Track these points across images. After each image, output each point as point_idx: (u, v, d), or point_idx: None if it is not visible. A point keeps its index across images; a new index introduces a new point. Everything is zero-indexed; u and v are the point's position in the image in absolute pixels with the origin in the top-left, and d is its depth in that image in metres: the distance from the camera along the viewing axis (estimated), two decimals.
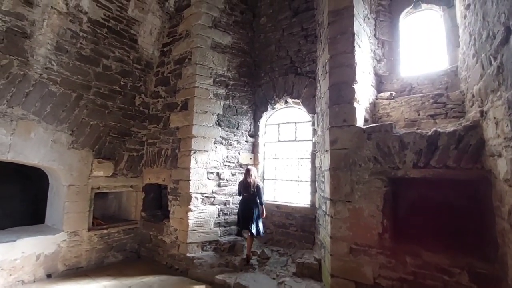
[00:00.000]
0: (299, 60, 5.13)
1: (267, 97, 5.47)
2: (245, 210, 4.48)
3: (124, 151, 5.32)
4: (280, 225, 4.97)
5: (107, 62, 5.10)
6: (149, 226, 5.36)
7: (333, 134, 3.28)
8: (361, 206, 3.01)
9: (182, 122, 5.04)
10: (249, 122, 5.56)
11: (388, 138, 2.93)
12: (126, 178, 5.34)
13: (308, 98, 4.90)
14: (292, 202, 5.04)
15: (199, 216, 4.77)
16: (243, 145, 5.44)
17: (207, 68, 5.11)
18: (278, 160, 5.42)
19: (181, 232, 4.75)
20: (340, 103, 3.29)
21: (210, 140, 5.02)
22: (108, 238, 5.02)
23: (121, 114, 5.29)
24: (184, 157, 4.88)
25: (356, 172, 3.07)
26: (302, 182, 5.03)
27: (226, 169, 5.18)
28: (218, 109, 5.17)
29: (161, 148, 5.36)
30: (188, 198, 4.72)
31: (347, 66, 3.32)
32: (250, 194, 4.50)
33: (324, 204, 3.56)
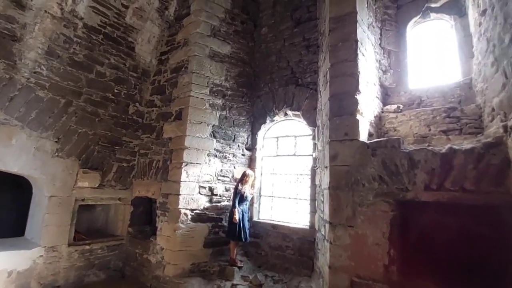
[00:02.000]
0: (300, 70, 4.89)
1: (266, 109, 5.20)
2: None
3: (113, 161, 5.04)
4: (276, 247, 4.55)
5: (101, 69, 4.93)
6: (135, 243, 4.99)
7: (333, 149, 2.95)
8: (364, 232, 2.62)
9: (175, 133, 4.78)
10: (247, 134, 5.27)
11: (396, 154, 2.59)
12: (114, 190, 5.03)
13: (308, 110, 4.61)
14: (289, 222, 4.64)
15: (187, 235, 4.39)
16: (239, 159, 5.13)
17: (203, 77, 4.89)
18: (276, 175, 5.08)
19: (167, 251, 4.37)
20: (342, 114, 2.98)
21: (203, 152, 4.72)
22: (90, 254, 4.66)
23: (112, 123, 5.06)
24: (175, 169, 4.57)
25: (359, 193, 2.71)
26: (301, 201, 4.65)
27: (219, 184, 4.85)
28: (213, 119, 4.91)
29: (152, 159, 5.07)
30: (176, 214, 4.37)
31: (349, 75, 3.04)
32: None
33: (323, 228, 3.18)
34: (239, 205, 4.42)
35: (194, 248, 4.43)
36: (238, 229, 4.34)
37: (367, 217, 2.63)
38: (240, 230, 4.35)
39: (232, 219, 4.35)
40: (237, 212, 4.34)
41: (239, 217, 4.36)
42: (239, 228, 4.35)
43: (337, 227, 2.78)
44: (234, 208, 4.37)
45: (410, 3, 4.03)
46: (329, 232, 2.82)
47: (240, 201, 4.46)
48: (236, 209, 4.35)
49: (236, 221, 4.31)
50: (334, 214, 2.82)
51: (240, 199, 4.44)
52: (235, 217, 4.31)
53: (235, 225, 4.33)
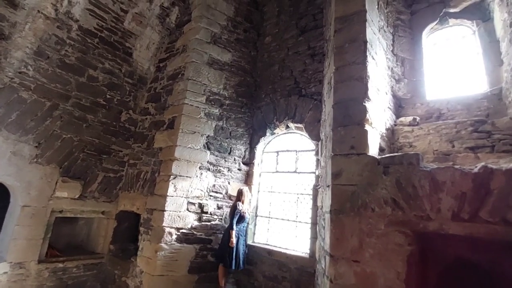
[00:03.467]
0: (304, 80, 4.52)
1: (266, 121, 4.80)
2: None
3: (99, 170, 4.67)
4: (271, 277, 3.96)
5: (94, 73, 4.69)
6: (115, 262, 4.49)
7: (337, 165, 2.48)
8: (373, 270, 2.08)
9: (166, 142, 4.40)
10: (244, 147, 4.85)
11: (414, 173, 2.09)
12: (97, 202, 4.62)
13: (312, 122, 4.18)
14: (287, 248, 4.07)
15: (171, 257, 3.88)
16: (234, 174, 4.67)
17: (200, 85, 4.57)
18: (275, 194, 4.57)
19: (146, 276, 3.84)
20: (347, 124, 2.53)
21: (195, 165, 4.30)
22: (63, 273, 4.18)
23: (102, 129, 4.75)
24: (162, 182, 4.15)
25: (368, 219, 2.20)
26: (301, 224, 4.10)
27: (211, 201, 4.37)
28: (208, 130, 4.52)
29: (141, 171, 4.68)
30: (160, 233, 3.89)
31: (356, 79, 2.62)
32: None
33: (324, 260, 2.64)
34: (236, 227, 3.92)
35: (177, 273, 3.89)
36: (232, 254, 3.81)
37: (378, 251, 2.10)
38: (232, 255, 3.82)
39: (228, 242, 3.84)
40: (234, 235, 3.83)
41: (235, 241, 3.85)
42: (233, 253, 3.82)
43: (339, 262, 2.24)
44: (232, 229, 3.87)
45: (426, 8, 3.66)
46: (330, 266, 2.29)
47: (238, 222, 3.96)
48: (234, 231, 3.85)
49: (233, 245, 3.80)
50: (336, 244, 2.30)
51: (238, 220, 3.95)
52: (232, 241, 3.80)
53: (230, 249, 3.81)
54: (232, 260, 3.79)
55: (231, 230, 3.87)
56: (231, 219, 3.95)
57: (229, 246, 3.82)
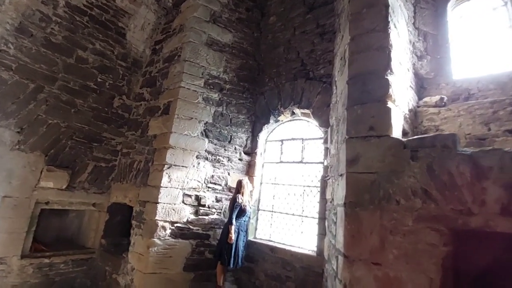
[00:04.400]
0: (312, 62, 4.11)
1: (270, 107, 4.41)
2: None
3: (89, 160, 4.34)
4: (273, 276, 3.62)
5: (83, 54, 4.33)
6: (106, 258, 4.18)
7: (353, 149, 2.10)
8: (399, 275, 1.71)
9: (160, 129, 4.04)
10: (246, 136, 4.47)
11: (450, 158, 1.70)
12: (87, 193, 4.30)
13: (320, 107, 3.79)
14: (292, 245, 3.72)
15: (164, 253, 3.55)
16: (235, 164, 4.31)
17: (198, 67, 4.19)
18: (279, 186, 4.20)
19: (138, 273, 3.53)
20: (365, 102, 2.14)
21: (192, 153, 3.94)
22: (49, 269, 3.88)
23: (92, 115, 4.40)
24: (156, 172, 3.80)
25: (391, 214, 1.82)
26: (308, 219, 3.74)
27: (209, 193, 4.02)
28: (206, 116, 4.15)
29: (134, 160, 4.34)
30: (152, 227, 3.56)
31: (376, 49, 2.22)
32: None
33: (335, 260, 2.27)
34: (236, 221, 3.58)
35: (171, 271, 3.57)
36: (230, 251, 3.47)
37: (404, 251, 1.73)
38: (231, 252, 3.48)
39: (226, 238, 3.49)
40: (233, 230, 3.49)
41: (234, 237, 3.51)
42: (231, 250, 3.48)
43: (355, 264, 1.87)
44: (230, 224, 3.53)
45: None
46: (344, 269, 1.92)
47: (238, 216, 3.61)
48: (233, 226, 3.51)
49: (232, 241, 3.46)
50: (351, 243, 1.93)
51: (239, 213, 3.60)
52: (231, 237, 3.46)
53: (229, 245, 3.47)
54: (230, 258, 3.45)
55: (230, 225, 3.53)
56: (230, 213, 3.60)
57: (227, 242, 3.48)
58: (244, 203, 3.66)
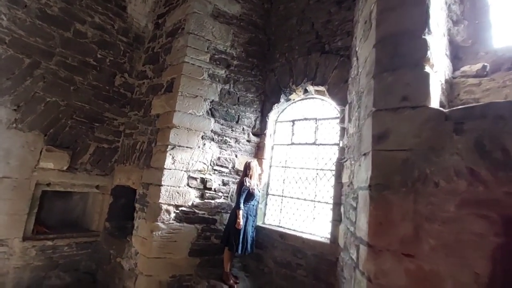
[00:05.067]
0: (328, 33, 3.72)
1: (280, 84, 4.08)
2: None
3: (91, 140, 4.16)
4: (283, 263, 3.43)
5: (82, 28, 4.06)
6: (111, 241, 4.07)
7: (381, 123, 1.79)
8: (436, 269, 1.45)
9: (163, 108, 3.80)
10: (254, 116, 4.19)
11: (506, 131, 1.39)
12: (90, 175, 4.14)
13: (337, 84, 3.44)
14: (303, 231, 3.50)
15: (169, 238, 3.39)
16: (243, 146, 4.05)
17: (203, 40, 3.87)
18: (289, 170, 3.94)
19: (141, 258, 3.39)
20: (397, 67, 1.81)
21: (197, 133, 3.70)
22: (53, 252, 3.80)
23: (92, 94, 4.18)
24: (159, 153, 3.59)
25: (428, 198, 1.53)
26: (321, 204, 3.49)
27: (215, 176, 3.80)
28: (213, 94, 3.87)
29: (137, 141, 4.13)
30: (156, 211, 3.38)
31: (412, 3, 1.86)
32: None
33: (355, 249, 2.02)
34: (244, 206, 3.36)
35: (176, 256, 3.41)
36: (238, 237, 3.27)
37: (443, 242, 1.45)
38: (239, 238, 3.28)
39: (234, 223, 3.29)
40: (241, 215, 3.28)
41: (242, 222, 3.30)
42: (240, 236, 3.28)
43: (383, 255, 1.61)
44: (238, 208, 3.31)
45: None
46: (368, 260, 1.67)
47: (246, 200, 3.39)
48: (241, 211, 3.29)
49: (240, 226, 3.25)
50: (378, 231, 1.66)
51: (246, 197, 3.37)
52: (239, 222, 3.25)
53: (236, 231, 3.27)
54: (238, 244, 3.26)
55: (237, 209, 3.32)
56: (238, 197, 3.38)
57: (235, 227, 3.28)
58: (252, 186, 3.43)
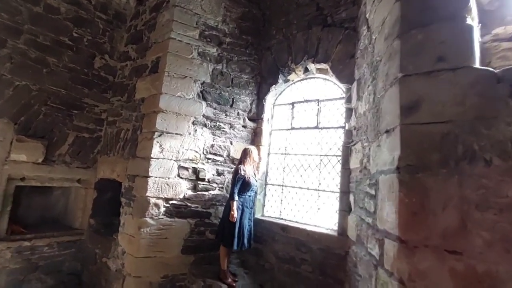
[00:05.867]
0: (331, 4, 3.34)
1: (278, 64, 3.71)
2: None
3: (69, 129, 3.74)
4: (286, 258, 3.14)
5: (53, 2, 3.59)
6: (96, 239, 3.72)
7: (410, 92, 1.46)
8: (493, 268, 1.15)
9: (148, 91, 3.40)
10: (250, 99, 3.82)
11: None
12: (69, 168, 3.74)
13: (342, 60, 3.09)
14: (307, 223, 3.21)
15: (158, 234, 3.05)
16: (238, 132, 3.70)
17: (191, 14, 3.44)
18: (289, 157, 3.61)
19: (128, 257, 3.05)
20: (429, 23, 1.47)
21: (187, 119, 3.32)
22: (31, 254, 3.42)
23: (69, 77, 3.73)
24: (145, 141, 3.21)
25: (478, 180, 1.22)
26: (325, 193, 3.19)
27: (209, 165, 3.45)
28: (203, 75, 3.48)
29: (120, 129, 3.73)
30: (143, 205, 3.03)
31: None
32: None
33: (376, 244, 1.71)
34: (239, 196, 3.03)
35: (167, 254, 3.09)
36: (233, 231, 2.95)
37: (501, 235, 1.15)
38: (234, 232, 2.95)
39: (228, 215, 2.96)
40: (235, 206, 2.95)
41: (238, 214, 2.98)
42: (235, 230, 2.95)
43: (419, 252, 1.31)
44: (232, 199, 2.98)
45: None
46: (399, 259, 1.36)
47: (242, 191, 3.05)
48: (235, 202, 2.96)
49: (234, 219, 2.92)
50: (411, 223, 1.35)
51: (242, 187, 3.04)
52: (233, 214, 2.92)
53: (231, 224, 2.95)
54: (234, 239, 2.93)
55: (231, 200, 2.99)
56: (232, 186, 3.04)
57: (229, 221, 2.95)
58: (248, 175, 3.09)
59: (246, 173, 3.07)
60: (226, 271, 3.06)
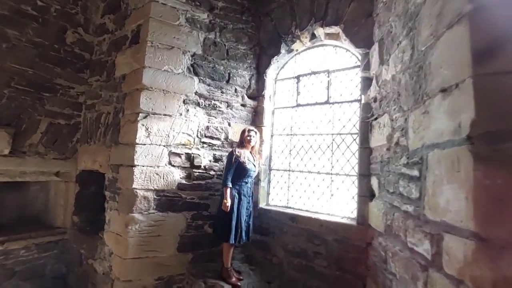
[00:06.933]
0: None
1: (279, 31, 3.22)
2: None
3: (40, 115, 3.24)
4: (297, 252, 2.78)
5: None
6: (81, 239, 3.31)
7: (486, 29, 1.03)
8: None
9: (130, 66, 2.90)
10: (249, 73, 3.34)
11: None
12: (44, 160, 3.27)
13: (356, 20, 2.62)
14: (318, 211, 2.83)
15: (149, 232, 2.64)
16: (236, 111, 3.24)
17: None
18: (296, 138, 3.19)
19: (116, 259, 2.65)
20: None
21: (176, 97, 2.85)
22: (5, 258, 3.02)
23: (36, 54, 3.19)
24: (129, 124, 2.74)
25: None
26: (340, 177, 2.79)
27: (205, 150, 3.01)
28: (194, 45, 2.98)
29: (101, 113, 3.25)
30: (130, 199, 2.60)
31: None
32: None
33: (427, 239, 1.32)
34: (234, 183, 2.61)
35: (161, 253, 2.70)
36: (229, 223, 2.55)
37: None
38: (231, 224, 2.55)
39: (221, 205, 2.56)
40: (229, 194, 2.54)
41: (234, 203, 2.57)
42: (231, 221, 2.55)
43: (507, 253, 0.91)
44: (225, 186, 2.58)
45: None
46: (476, 262, 0.97)
47: (238, 177, 2.63)
48: (229, 189, 2.55)
49: (227, 208, 2.52)
50: (494, 213, 0.95)
51: (237, 173, 2.62)
52: (226, 203, 2.53)
53: (226, 215, 2.56)
54: (230, 231, 2.53)
55: (224, 187, 2.58)
56: (226, 172, 2.62)
57: (224, 211, 2.55)
58: (244, 158, 2.65)
59: (241, 156, 2.64)
60: (229, 269, 2.69)
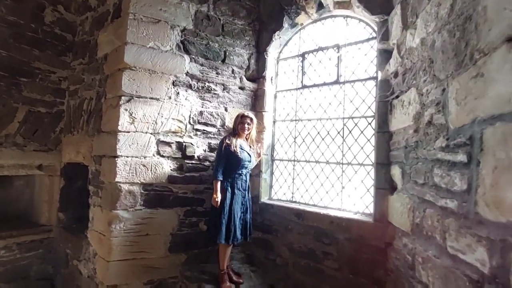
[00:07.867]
0: None
1: (282, 2, 2.82)
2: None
3: (17, 102, 2.93)
4: (303, 252, 2.46)
5: None
6: (66, 237, 3.04)
7: None
8: None
9: (111, 43, 2.55)
10: (247, 52, 2.96)
11: None
12: (24, 152, 2.98)
13: None
14: (327, 206, 2.49)
15: (136, 231, 2.34)
16: (234, 95, 2.89)
17: None
18: (302, 124, 2.83)
19: (100, 261, 2.36)
20: None
21: (165, 78, 2.50)
22: None
23: (10, 35, 2.87)
24: (111, 110, 2.41)
25: None
26: (352, 167, 2.43)
27: (198, 138, 2.68)
28: (184, 18, 2.61)
29: (83, 98, 2.92)
30: (113, 194, 2.29)
31: None
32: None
33: (478, 245, 0.97)
34: (227, 176, 2.28)
35: (151, 254, 2.40)
36: (220, 220, 2.22)
37: None
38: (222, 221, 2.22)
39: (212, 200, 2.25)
40: (219, 188, 2.22)
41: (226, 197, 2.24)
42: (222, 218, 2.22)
43: None
44: (215, 179, 2.26)
45: None
46: None
47: (230, 169, 2.30)
48: (219, 183, 2.24)
49: (217, 203, 2.21)
50: None
51: (229, 164, 2.29)
52: (215, 198, 2.21)
53: (216, 212, 2.26)
54: (221, 230, 2.20)
55: (214, 180, 2.27)
56: (217, 163, 2.30)
57: (214, 207, 2.24)
58: (235, 147, 2.30)
59: (233, 145, 2.29)
60: (224, 272, 2.37)
